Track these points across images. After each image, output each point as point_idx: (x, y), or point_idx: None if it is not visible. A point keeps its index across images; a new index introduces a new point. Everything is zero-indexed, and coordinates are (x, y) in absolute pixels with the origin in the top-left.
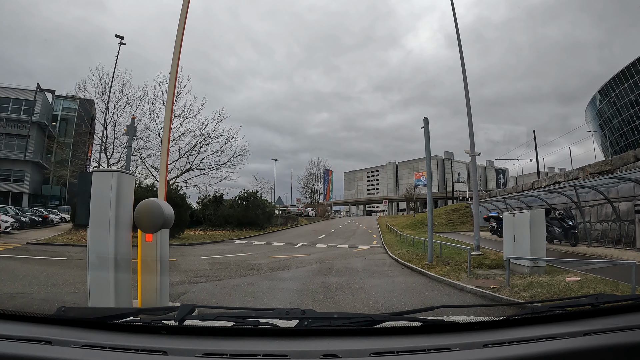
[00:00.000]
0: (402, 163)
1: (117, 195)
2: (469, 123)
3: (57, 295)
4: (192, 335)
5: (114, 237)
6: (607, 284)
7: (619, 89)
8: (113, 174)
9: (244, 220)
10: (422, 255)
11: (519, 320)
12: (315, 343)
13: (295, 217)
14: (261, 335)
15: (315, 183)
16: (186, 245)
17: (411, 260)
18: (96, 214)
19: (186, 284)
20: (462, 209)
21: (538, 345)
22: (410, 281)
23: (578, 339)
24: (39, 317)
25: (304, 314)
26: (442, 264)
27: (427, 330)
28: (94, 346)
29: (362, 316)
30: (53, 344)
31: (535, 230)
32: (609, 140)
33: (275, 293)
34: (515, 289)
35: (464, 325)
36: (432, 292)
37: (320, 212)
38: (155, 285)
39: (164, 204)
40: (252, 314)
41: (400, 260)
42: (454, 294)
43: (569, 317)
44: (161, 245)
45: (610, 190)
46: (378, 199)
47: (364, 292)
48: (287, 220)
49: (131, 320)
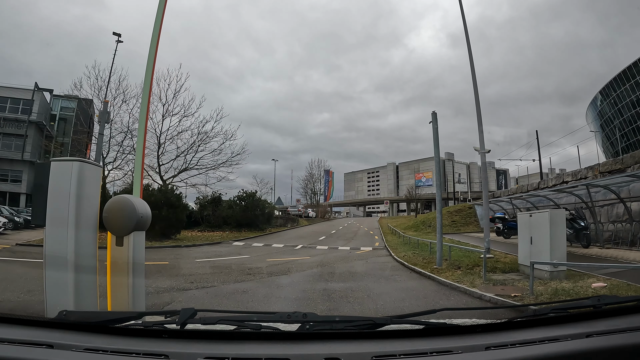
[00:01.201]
0: (403, 164)
1: (77, 189)
2: (478, 119)
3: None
4: (194, 339)
5: (73, 238)
6: (638, 290)
7: (621, 89)
8: (73, 163)
9: (242, 221)
10: (429, 259)
11: (521, 322)
12: (317, 346)
13: (295, 218)
14: (263, 339)
15: (316, 184)
16: (182, 247)
17: (417, 263)
18: (53, 210)
19: (174, 291)
20: (465, 210)
21: (540, 348)
22: (421, 288)
23: (580, 341)
24: (40, 320)
25: (306, 317)
26: (452, 268)
27: (429, 333)
28: (96, 350)
29: (363, 319)
30: (54, 347)
31: (555, 231)
32: (610, 140)
33: (271, 302)
34: (540, 298)
35: (466, 328)
36: (447, 300)
37: (320, 213)
38: (127, 292)
39: (138, 201)
40: (253, 317)
41: (406, 263)
42: (473, 304)
43: (571, 319)
44: (134, 248)
45: (622, 189)
46: (379, 200)
47: (371, 301)
48: (287, 221)
49: (133, 324)
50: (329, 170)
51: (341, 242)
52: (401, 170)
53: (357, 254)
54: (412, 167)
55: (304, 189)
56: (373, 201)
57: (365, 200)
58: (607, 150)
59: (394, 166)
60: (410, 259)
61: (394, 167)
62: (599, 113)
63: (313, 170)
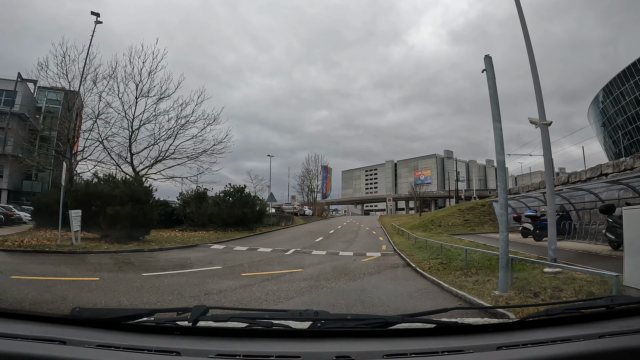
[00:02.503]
0: (401, 162)
1: None
2: (534, 80)
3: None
4: (206, 336)
5: None
6: None
7: (624, 86)
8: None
9: (229, 219)
10: (470, 273)
11: (533, 322)
12: (328, 344)
13: (290, 216)
14: (274, 337)
15: (313, 180)
16: (144, 252)
17: (464, 285)
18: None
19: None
20: (477, 208)
21: (552, 348)
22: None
23: (593, 342)
24: (53, 317)
25: (317, 315)
26: (524, 295)
27: (441, 332)
28: (108, 346)
29: (375, 317)
30: (67, 344)
31: None
32: (613, 139)
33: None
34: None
35: (478, 327)
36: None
37: (317, 211)
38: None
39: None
40: (265, 315)
41: (444, 285)
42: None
43: (584, 319)
44: None
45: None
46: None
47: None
48: (281, 219)
49: (145, 321)
50: (327, 166)
51: (341, 244)
52: (399, 168)
53: (363, 262)
54: (411, 165)
55: (300, 185)
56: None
57: (363, 199)
58: (609, 148)
59: (392, 164)
60: (443, 275)
61: (392, 165)
62: (602, 111)
63: (310, 166)
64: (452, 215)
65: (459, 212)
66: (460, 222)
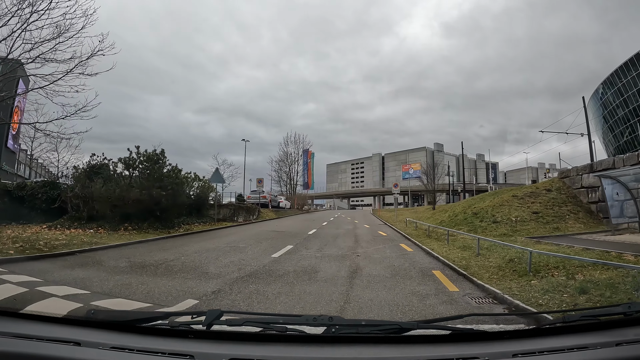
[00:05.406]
0: (389, 154)
1: None
2: None
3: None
4: (220, 340)
5: None
6: None
7: (625, 79)
8: None
9: (135, 210)
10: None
11: (550, 329)
12: (343, 350)
13: (254, 208)
14: (288, 342)
15: (292, 166)
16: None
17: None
18: None
19: None
20: (541, 194)
21: (569, 356)
22: None
23: (610, 350)
24: (68, 318)
25: (332, 320)
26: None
27: (456, 338)
28: (122, 348)
29: (390, 324)
30: (82, 345)
31: None
32: (614, 133)
33: None
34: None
35: (494, 334)
36: None
37: (297, 204)
38: None
39: None
40: (279, 320)
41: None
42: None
43: (601, 326)
44: None
45: None
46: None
47: None
48: (238, 212)
49: (159, 324)
50: (308, 150)
51: (331, 267)
52: (387, 161)
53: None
54: (400, 159)
55: (277, 172)
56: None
57: (350, 192)
58: (609, 143)
59: (379, 157)
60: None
61: (379, 158)
62: (603, 104)
63: (289, 148)
64: (508, 206)
65: (517, 200)
66: (528, 217)
